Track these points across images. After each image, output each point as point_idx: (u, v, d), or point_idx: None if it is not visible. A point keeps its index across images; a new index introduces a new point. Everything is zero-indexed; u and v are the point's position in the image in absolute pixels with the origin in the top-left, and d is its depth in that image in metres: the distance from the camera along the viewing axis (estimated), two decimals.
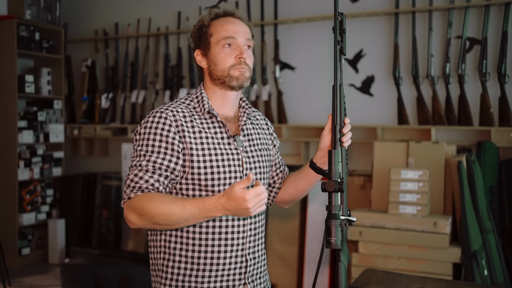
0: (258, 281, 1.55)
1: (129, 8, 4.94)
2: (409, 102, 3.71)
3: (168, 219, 1.33)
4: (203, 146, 1.46)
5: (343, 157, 1.26)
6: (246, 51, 1.51)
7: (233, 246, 1.47)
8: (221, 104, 1.55)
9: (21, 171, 4.52)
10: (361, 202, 3.59)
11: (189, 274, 1.46)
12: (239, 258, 1.48)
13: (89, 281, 3.30)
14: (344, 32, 1.33)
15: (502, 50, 3.35)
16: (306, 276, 3.63)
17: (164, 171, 1.42)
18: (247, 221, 1.49)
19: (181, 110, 1.49)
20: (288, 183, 1.68)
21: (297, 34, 4.15)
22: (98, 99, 5.04)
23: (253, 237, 1.51)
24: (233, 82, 1.50)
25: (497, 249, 2.99)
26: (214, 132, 1.49)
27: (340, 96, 1.32)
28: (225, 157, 1.48)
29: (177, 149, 1.43)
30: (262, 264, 1.57)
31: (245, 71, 1.50)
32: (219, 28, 1.51)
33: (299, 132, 4.13)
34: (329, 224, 1.18)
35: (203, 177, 1.45)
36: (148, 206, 1.34)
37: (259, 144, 1.59)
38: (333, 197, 1.20)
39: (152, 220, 1.34)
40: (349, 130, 1.41)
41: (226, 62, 1.49)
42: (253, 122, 1.63)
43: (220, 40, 1.50)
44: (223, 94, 1.54)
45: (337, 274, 1.21)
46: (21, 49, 4.55)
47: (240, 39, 1.50)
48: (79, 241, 4.76)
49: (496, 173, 3.25)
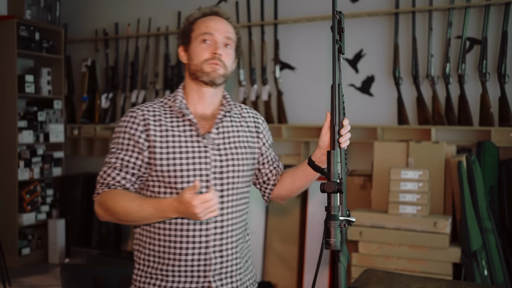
0: (230, 279, 1.55)
1: (129, 8, 4.94)
2: (409, 102, 3.71)
3: (128, 216, 1.41)
4: (168, 145, 1.50)
5: (342, 157, 1.26)
6: (225, 49, 1.54)
7: (194, 243, 1.50)
8: (197, 101, 1.59)
9: (21, 171, 4.52)
10: (361, 202, 3.59)
11: (155, 267, 1.53)
12: (202, 256, 1.50)
13: (89, 281, 3.30)
14: (343, 31, 1.32)
15: (502, 50, 3.35)
16: (306, 276, 3.63)
17: (131, 168, 1.49)
18: (211, 219, 1.50)
19: (153, 109, 1.55)
20: (284, 179, 1.67)
21: (297, 34, 4.15)
22: (98, 99, 5.04)
23: (220, 236, 1.52)
24: (204, 77, 1.53)
25: (497, 249, 2.99)
26: (183, 130, 1.53)
27: (339, 96, 1.31)
28: (191, 155, 1.50)
29: (142, 147, 1.50)
30: (233, 263, 1.56)
31: (218, 68, 1.53)
32: (200, 25, 1.56)
33: (299, 132, 4.13)
34: (328, 225, 1.17)
35: (166, 174, 1.49)
36: (111, 203, 1.43)
37: (237, 142, 1.59)
38: (332, 198, 1.19)
39: (115, 216, 1.44)
40: (348, 131, 1.39)
41: (201, 56, 1.53)
42: (235, 120, 1.63)
43: (199, 35, 1.54)
44: (199, 90, 1.58)
45: (336, 275, 1.20)
46: (21, 49, 4.55)
47: (218, 36, 1.53)
48: (79, 241, 4.76)
49: (496, 173, 3.25)
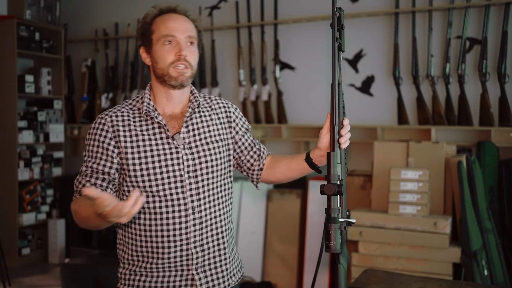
0: (214, 270, 1.57)
1: (129, 8, 4.94)
2: (409, 102, 3.71)
3: (88, 222, 1.42)
4: (139, 149, 1.50)
5: (342, 158, 1.24)
6: (188, 48, 1.52)
7: (176, 241, 1.51)
8: (165, 102, 1.57)
9: (21, 171, 4.52)
10: (361, 202, 3.59)
11: (139, 265, 1.55)
12: (184, 252, 1.52)
13: (89, 281, 3.30)
14: (343, 28, 1.30)
15: (502, 50, 3.35)
16: (306, 276, 3.63)
17: (101, 174, 1.50)
18: (189, 217, 1.52)
19: (121, 114, 1.54)
20: (277, 167, 1.66)
21: (297, 34, 4.15)
22: (98, 99, 5.04)
23: (199, 232, 1.53)
24: (172, 81, 1.52)
25: (497, 249, 2.99)
26: (153, 133, 1.53)
27: (338, 95, 1.29)
28: (162, 158, 1.51)
29: (111, 154, 1.50)
30: (217, 255, 1.58)
31: (184, 71, 1.51)
32: (159, 26, 1.53)
33: (299, 132, 4.13)
34: (328, 228, 1.16)
35: (140, 179, 1.50)
36: (75, 209, 1.46)
37: (208, 137, 1.58)
38: (332, 200, 1.18)
39: (83, 223, 1.45)
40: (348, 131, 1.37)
41: (166, 59, 1.51)
42: (204, 114, 1.62)
43: (160, 38, 1.52)
44: (166, 92, 1.56)
45: (336, 276, 1.20)
46: (21, 49, 4.55)
47: (180, 36, 1.51)
48: (79, 241, 4.76)
49: (496, 173, 3.25)
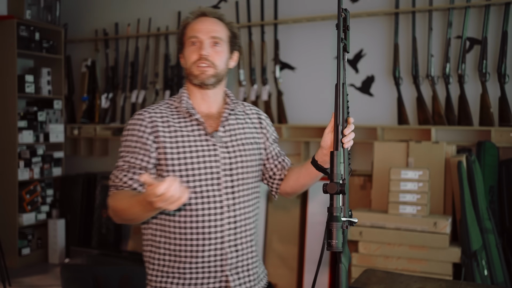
0: (246, 273, 1.59)
1: (129, 8, 4.94)
2: (409, 102, 3.71)
3: (126, 214, 1.43)
4: (178, 145, 1.54)
5: (345, 158, 1.24)
6: (212, 48, 1.58)
7: (210, 240, 1.53)
8: (200, 101, 1.62)
9: (21, 171, 4.52)
10: (361, 202, 3.59)
11: (172, 265, 1.55)
12: (218, 251, 1.54)
13: (89, 281, 3.30)
14: (348, 29, 1.31)
15: (502, 50, 3.35)
16: (306, 276, 3.63)
17: (138, 169, 1.51)
18: (224, 215, 1.54)
19: (160, 111, 1.58)
20: (290, 176, 1.69)
21: (297, 34, 4.15)
22: (98, 99, 5.04)
23: (234, 231, 1.56)
24: (194, 80, 1.59)
25: (497, 249, 2.98)
26: (192, 130, 1.57)
27: (343, 95, 1.28)
28: (200, 154, 1.54)
29: (150, 149, 1.53)
30: (249, 257, 1.61)
31: (206, 70, 1.57)
32: (188, 29, 1.62)
33: (299, 132, 4.13)
34: (330, 227, 1.16)
35: (178, 174, 1.52)
36: (115, 203, 1.46)
37: (243, 139, 1.63)
38: (334, 199, 1.18)
39: (118, 216, 1.46)
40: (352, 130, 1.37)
41: (190, 58, 1.59)
42: (240, 117, 1.67)
43: (188, 39, 1.60)
44: (201, 92, 1.62)
45: (337, 276, 1.20)
46: (21, 49, 4.55)
47: (202, 37, 1.57)
48: (79, 241, 4.76)
49: (496, 173, 3.25)
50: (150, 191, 1.21)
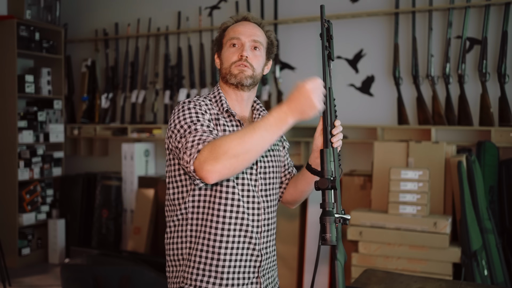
0: (270, 274, 1.63)
1: (129, 8, 4.95)
2: (409, 102, 3.71)
3: (243, 144, 1.31)
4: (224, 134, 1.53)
5: (335, 157, 1.30)
6: (252, 51, 1.59)
7: (251, 238, 1.54)
8: (234, 103, 1.63)
9: (21, 171, 4.52)
10: (361, 202, 3.59)
11: (209, 263, 1.52)
12: (255, 252, 1.56)
13: (89, 281, 3.30)
14: (331, 38, 1.40)
15: (502, 50, 3.35)
16: (306, 276, 3.63)
17: (212, 128, 1.48)
18: (261, 216, 1.57)
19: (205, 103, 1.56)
20: (289, 184, 1.74)
21: (297, 34, 4.15)
22: (98, 99, 5.04)
23: (266, 233, 1.59)
24: (232, 79, 1.58)
25: (497, 249, 2.99)
26: (232, 130, 1.57)
27: (330, 99, 1.40)
28: None
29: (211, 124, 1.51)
30: (272, 260, 1.64)
31: (245, 70, 1.57)
32: (229, 31, 1.63)
33: (299, 132, 4.13)
34: (323, 221, 1.20)
35: None
36: (221, 143, 1.32)
37: (272, 145, 1.66)
38: (326, 194, 1.22)
39: (229, 153, 1.30)
40: (340, 131, 1.46)
41: (230, 59, 1.58)
42: None
43: (228, 41, 1.61)
44: (234, 93, 1.62)
45: (333, 272, 1.22)
46: (21, 49, 4.55)
47: (244, 40, 1.58)
48: (79, 241, 4.76)
49: (496, 173, 3.25)
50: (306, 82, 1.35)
